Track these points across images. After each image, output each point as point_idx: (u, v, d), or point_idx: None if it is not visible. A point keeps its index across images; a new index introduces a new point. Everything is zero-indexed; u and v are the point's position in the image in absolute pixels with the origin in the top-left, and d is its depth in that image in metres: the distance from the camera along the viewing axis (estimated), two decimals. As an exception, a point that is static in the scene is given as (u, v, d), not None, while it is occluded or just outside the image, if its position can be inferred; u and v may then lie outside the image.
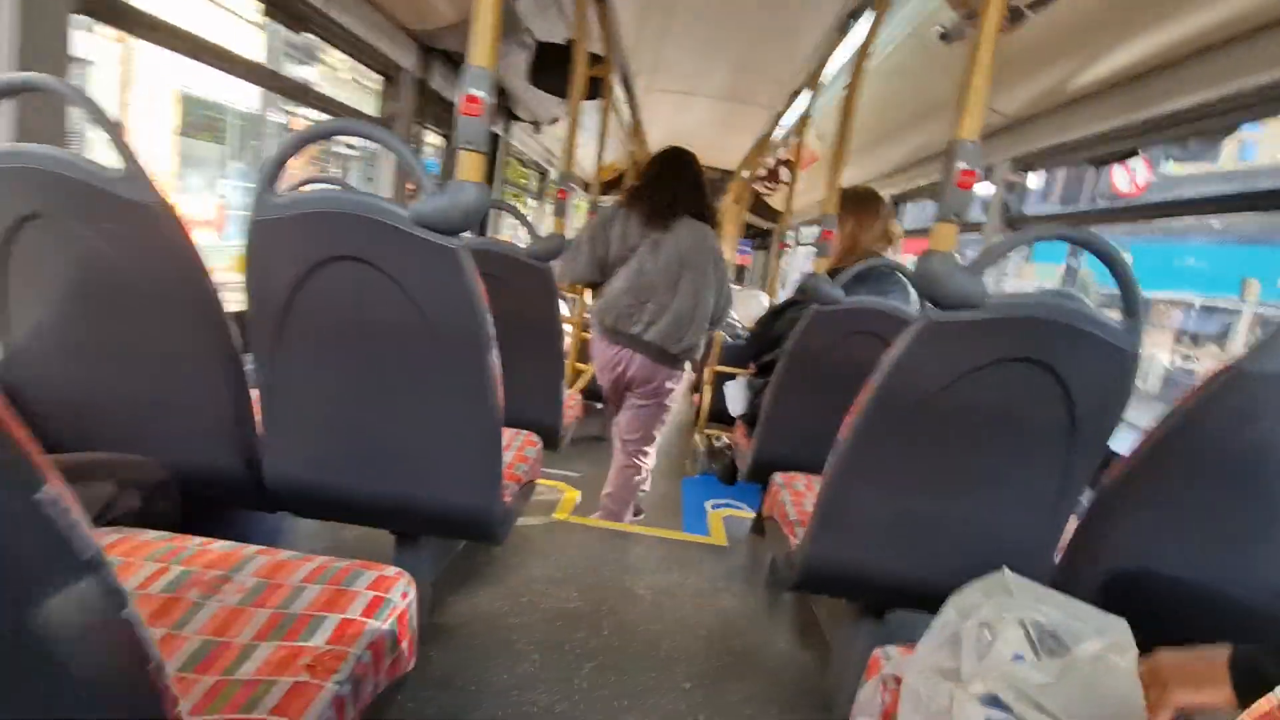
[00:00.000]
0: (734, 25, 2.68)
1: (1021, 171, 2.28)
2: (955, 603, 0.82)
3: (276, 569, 0.89)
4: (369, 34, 2.14)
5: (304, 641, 0.77)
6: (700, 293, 2.17)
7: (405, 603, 0.90)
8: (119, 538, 0.92)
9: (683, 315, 2.17)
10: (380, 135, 1.10)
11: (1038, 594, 0.79)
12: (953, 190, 1.00)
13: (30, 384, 1.20)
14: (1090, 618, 0.75)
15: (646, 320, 2.20)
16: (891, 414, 1.14)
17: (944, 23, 2.07)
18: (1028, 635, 0.76)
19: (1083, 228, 1.11)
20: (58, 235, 1.08)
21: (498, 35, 1.04)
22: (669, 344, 2.21)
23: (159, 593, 0.82)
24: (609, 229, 2.18)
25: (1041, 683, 0.71)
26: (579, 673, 1.51)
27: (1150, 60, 1.61)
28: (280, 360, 1.17)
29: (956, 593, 0.83)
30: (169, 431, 1.23)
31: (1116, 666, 0.70)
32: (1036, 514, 1.19)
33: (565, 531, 2.26)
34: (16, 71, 1.11)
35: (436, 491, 1.27)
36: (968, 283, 1.02)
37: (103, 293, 1.13)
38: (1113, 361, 1.06)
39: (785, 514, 1.58)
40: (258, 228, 1.08)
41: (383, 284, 1.09)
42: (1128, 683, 0.69)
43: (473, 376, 1.16)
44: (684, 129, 4.93)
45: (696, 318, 2.19)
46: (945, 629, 0.80)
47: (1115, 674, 0.70)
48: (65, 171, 1.03)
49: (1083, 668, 0.70)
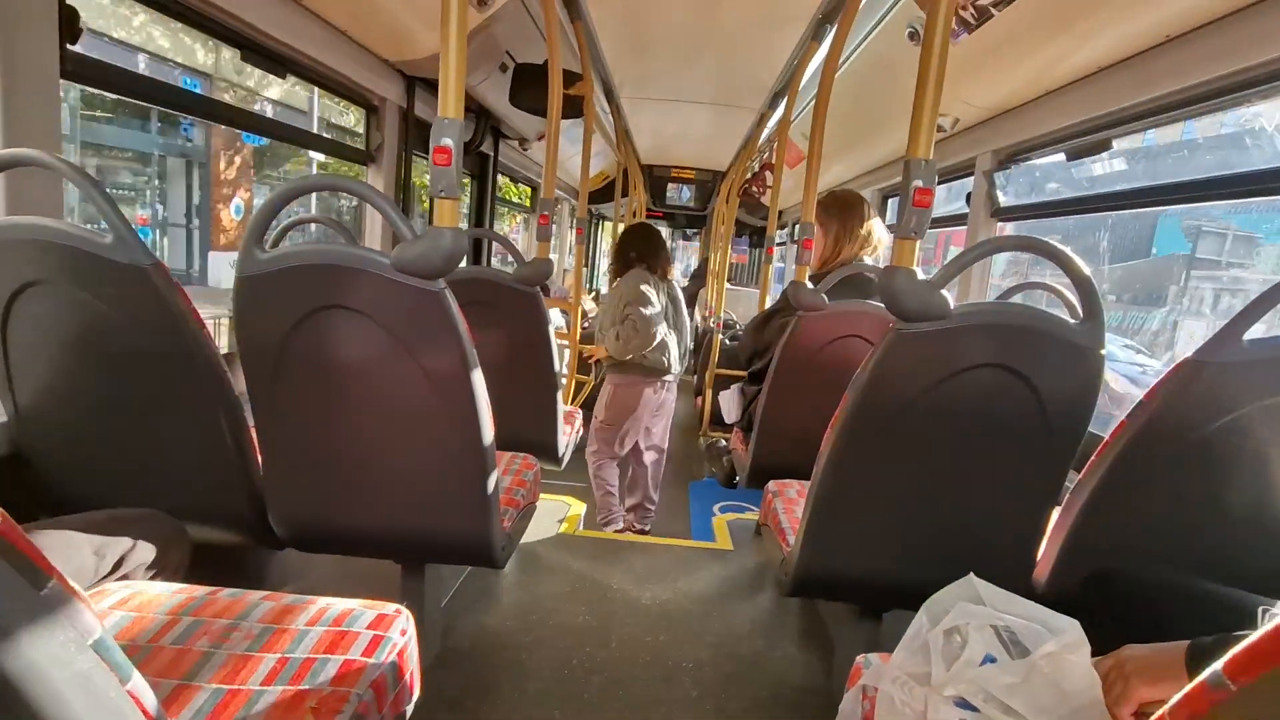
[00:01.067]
0: (711, 33, 2.71)
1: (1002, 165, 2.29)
2: (926, 609, 0.86)
3: (281, 614, 0.94)
4: (351, 70, 2.18)
5: (308, 685, 0.82)
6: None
7: (405, 639, 0.94)
8: (131, 592, 0.97)
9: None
10: (358, 189, 1.14)
11: (1002, 598, 0.83)
12: (909, 209, 1.03)
13: (39, 445, 1.25)
14: (1045, 619, 0.79)
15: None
16: (870, 423, 1.18)
17: (914, 22, 2.09)
18: (998, 638, 0.79)
19: (1041, 238, 1.13)
20: (56, 301, 1.13)
21: (463, 85, 1.08)
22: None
23: (170, 644, 0.86)
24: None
25: (1008, 684, 0.74)
26: (588, 688, 1.54)
27: (1122, 52, 1.63)
28: (276, 405, 1.22)
29: (929, 600, 0.87)
30: (176, 482, 1.28)
31: (1072, 663, 0.74)
32: (1017, 512, 1.22)
33: (572, 546, 2.30)
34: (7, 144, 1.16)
35: (435, 522, 1.31)
36: (931, 296, 1.05)
37: (103, 353, 1.18)
38: (1078, 361, 1.09)
39: (778, 522, 1.61)
40: (245, 283, 1.12)
41: (370, 328, 1.13)
42: (1085, 678, 0.73)
43: (463, 409, 1.20)
44: (671, 134, 4.97)
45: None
46: (918, 636, 0.83)
47: (1072, 670, 0.73)
48: (59, 240, 1.08)
49: (1043, 666, 0.74)
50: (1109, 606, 1.09)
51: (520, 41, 2.67)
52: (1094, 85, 1.77)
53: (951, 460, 1.20)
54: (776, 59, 2.88)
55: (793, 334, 1.89)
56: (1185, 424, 1.05)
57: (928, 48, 1.03)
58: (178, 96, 1.71)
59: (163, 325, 1.14)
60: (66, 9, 1.24)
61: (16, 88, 1.16)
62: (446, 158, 1.04)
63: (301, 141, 2.27)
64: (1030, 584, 1.28)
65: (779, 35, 2.60)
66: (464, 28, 1.07)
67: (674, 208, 6.97)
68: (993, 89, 2.09)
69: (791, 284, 1.88)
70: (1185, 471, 1.08)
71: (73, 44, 1.27)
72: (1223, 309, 4.31)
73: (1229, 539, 1.10)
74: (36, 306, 1.13)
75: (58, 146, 1.26)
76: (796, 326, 1.89)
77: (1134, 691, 0.73)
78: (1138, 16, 1.48)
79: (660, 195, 6.76)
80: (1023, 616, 0.78)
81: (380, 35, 2.18)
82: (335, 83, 2.21)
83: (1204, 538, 1.11)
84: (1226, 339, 1.00)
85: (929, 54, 1.03)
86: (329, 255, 1.10)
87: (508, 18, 2.33)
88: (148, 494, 1.25)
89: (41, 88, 1.21)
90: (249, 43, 1.77)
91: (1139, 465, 1.10)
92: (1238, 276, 4.30)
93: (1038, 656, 0.74)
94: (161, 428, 1.24)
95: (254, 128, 2.09)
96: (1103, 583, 1.11)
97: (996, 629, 0.79)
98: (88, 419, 1.24)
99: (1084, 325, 1.09)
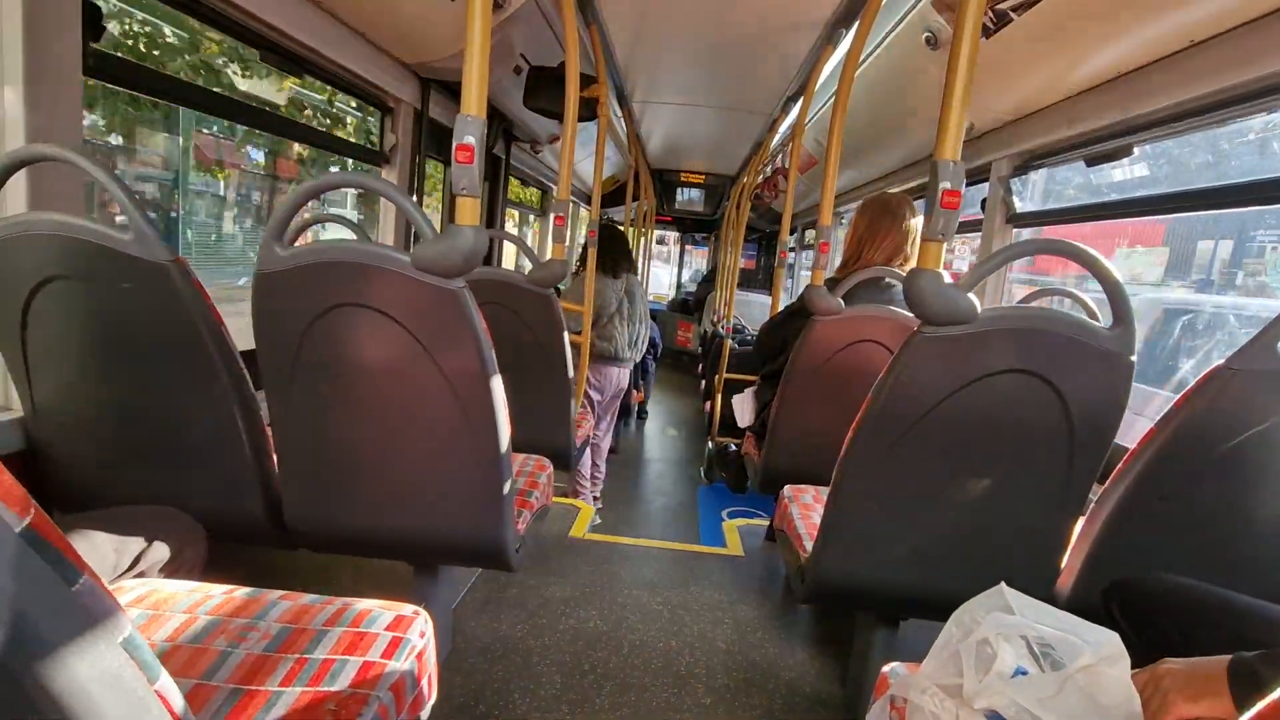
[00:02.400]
0: (725, 38, 2.71)
1: (1019, 171, 2.28)
2: (956, 619, 0.84)
3: (299, 614, 0.93)
4: (367, 70, 2.19)
5: (327, 686, 0.81)
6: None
7: (424, 641, 0.93)
8: (148, 590, 0.96)
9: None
10: (380, 187, 1.13)
11: (1034, 609, 0.81)
12: (938, 211, 1.02)
13: (57, 441, 1.25)
14: (1083, 631, 0.77)
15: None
16: (892, 428, 1.16)
17: (931, 27, 2.08)
18: (1030, 649, 0.78)
19: (1069, 241, 1.12)
20: (75, 297, 1.13)
21: (485, 84, 1.07)
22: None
23: (188, 643, 0.85)
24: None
25: (1041, 696, 0.72)
26: (600, 693, 1.53)
27: (1143, 56, 1.61)
28: (293, 403, 1.21)
29: (958, 609, 0.85)
30: (193, 478, 1.28)
31: (1110, 677, 0.72)
32: (1041, 521, 1.20)
33: (583, 549, 2.28)
34: (30, 139, 1.16)
35: (449, 524, 1.30)
36: (957, 299, 1.03)
37: (121, 349, 1.18)
38: (1107, 369, 1.07)
39: (794, 528, 1.60)
40: (264, 279, 1.12)
41: (388, 327, 1.12)
42: (1123, 692, 0.71)
43: (479, 411, 1.19)
44: (682, 138, 4.96)
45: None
46: (947, 646, 0.82)
47: (1110, 684, 0.71)
48: (79, 236, 1.08)
49: (1079, 679, 0.72)
50: (1134, 618, 1.07)
51: (535, 44, 2.68)
52: (1115, 90, 1.75)
53: (974, 467, 1.18)
54: (790, 64, 2.87)
55: (808, 338, 1.88)
56: (1215, 433, 1.03)
57: (955, 50, 1.02)
58: (199, 95, 1.71)
59: (182, 322, 1.14)
60: (90, 7, 1.24)
61: (40, 84, 1.17)
62: (469, 155, 1.04)
63: (318, 142, 2.28)
64: (1053, 594, 1.26)
65: (793, 40, 2.59)
66: (488, 26, 1.07)
67: (683, 212, 6.97)
68: (1010, 94, 2.08)
69: (808, 288, 1.87)
70: (1214, 481, 1.06)
71: (96, 41, 1.28)
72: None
73: (1259, 550, 1.08)
74: (56, 302, 1.13)
75: (80, 143, 1.26)
76: (812, 330, 1.88)
77: (1173, 708, 0.71)
78: (1161, 21, 1.47)
79: (670, 199, 6.76)
80: (1057, 628, 0.77)
81: (397, 37, 2.19)
82: (351, 83, 2.22)
83: (1233, 549, 1.09)
84: (1258, 347, 0.98)
85: (957, 56, 1.02)
86: (349, 252, 1.10)
87: (522, 20, 2.34)
88: (164, 491, 1.25)
89: (64, 85, 1.21)
90: (267, 42, 1.78)
91: (1167, 475, 1.08)
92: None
93: (1074, 669, 0.72)
94: (179, 425, 1.23)
95: (274, 128, 2.09)
96: (1128, 594, 1.08)
97: (1028, 640, 0.77)
98: (105, 415, 1.24)
99: (1114, 331, 1.07)
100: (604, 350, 3.29)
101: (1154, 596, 1.06)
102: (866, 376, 1.19)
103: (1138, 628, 1.07)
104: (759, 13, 2.39)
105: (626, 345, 3.36)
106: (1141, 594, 1.08)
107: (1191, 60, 1.51)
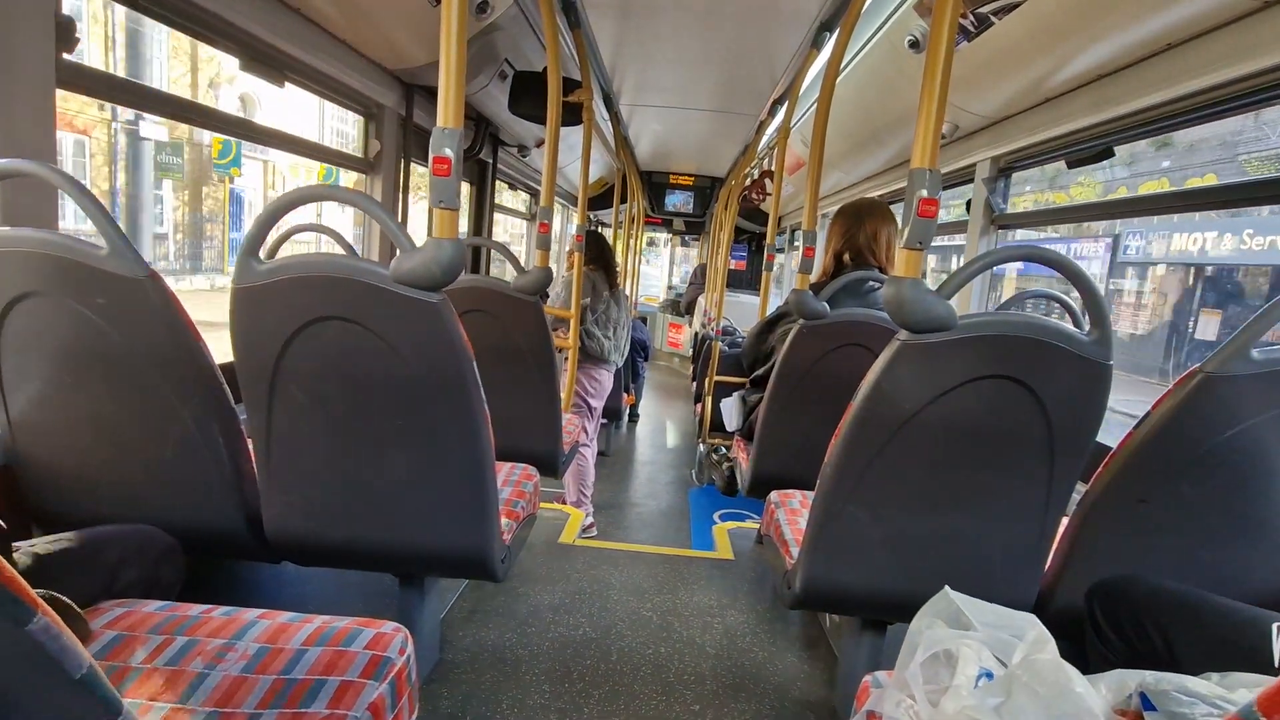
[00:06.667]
0: (710, 41, 2.71)
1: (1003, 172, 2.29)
2: (913, 629, 0.85)
3: (277, 633, 0.92)
4: (350, 77, 2.17)
5: (305, 708, 0.80)
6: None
7: (403, 659, 0.92)
8: (124, 610, 0.95)
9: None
10: (355, 200, 1.13)
11: (976, 610, 0.82)
12: (915, 220, 1.02)
13: (33, 458, 1.23)
14: (1010, 624, 0.79)
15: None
16: (875, 434, 1.16)
17: (914, 31, 2.09)
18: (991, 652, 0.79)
19: (1047, 247, 1.12)
20: (51, 312, 1.12)
21: (462, 94, 1.06)
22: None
23: (164, 666, 0.84)
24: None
25: (995, 704, 0.73)
26: (588, 701, 1.53)
27: (1122, 59, 1.63)
28: (273, 416, 1.20)
29: (914, 619, 0.86)
30: (174, 493, 1.27)
31: (1043, 664, 0.73)
32: (1023, 525, 1.20)
33: (571, 555, 2.28)
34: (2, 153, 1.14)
35: (433, 535, 1.29)
36: (936, 306, 1.04)
37: (98, 365, 1.16)
38: (1085, 374, 1.08)
39: (781, 533, 1.60)
40: (242, 294, 1.11)
41: (368, 340, 1.12)
42: (1055, 673, 0.72)
43: (461, 422, 1.18)
44: (670, 140, 4.97)
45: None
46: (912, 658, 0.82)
47: (1045, 670, 0.73)
48: (54, 251, 1.06)
49: (1021, 676, 0.73)
50: (1116, 621, 1.07)
51: (519, 49, 2.67)
52: (1094, 93, 1.76)
53: (957, 472, 1.18)
54: (776, 66, 2.88)
55: (794, 342, 1.88)
56: (1193, 436, 1.04)
57: (932, 58, 1.02)
58: (172, 104, 1.70)
59: (159, 337, 1.13)
60: (62, 18, 1.23)
61: (12, 98, 1.15)
62: (446, 168, 1.03)
63: (300, 149, 2.26)
64: (1037, 596, 1.27)
65: (778, 43, 2.60)
66: (464, 36, 1.06)
67: (672, 214, 6.98)
68: (992, 96, 2.09)
69: (794, 292, 1.87)
70: (1194, 483, 1.07)
71: (69, 53, 1.26)
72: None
73: (1238, 552, 1.09)
74: (31, 318, 1.12)
75: (53, 157, 1.25)
76: (798, 334, 1.88)
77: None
78: (1138, 25, 1.48)
79: (659, 201, 6.76)
80: (992, 626, 0.78)
81: (380, 43, 2.17)
82: (334, 90, 2.21)
83: (1213, 551, 1.10)
84: (1234, 351, 0.99)
85: (934, 65, 1.02)
86: (326, 266, 1.09)
87: (506, 25, 2.33)
88: (145, 506, 1.23)
89: (37, 97, 1.20)
90: (250, 49, 1.77)
91: (1146, 477, 1.09)
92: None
93: (1014, 668, 0.74)
94: (157, 441, 1.22)
95: (252, 135, 2.07)
96: (1109, 597, 1.09)
97: (986, 643, 0.79)
98: (83, 432, 1.22)
99: (1092, 336, 1.08)
100: (593, 350, 3.32)
101: (1135, 599, 1.07)
102: (852, 381, 1.20)
103: (1119, 630, 1.08)
104: (743, 15, 2.39)
105: (613, 348, 3.40)
106: (1123, 597, 1.09)
107: (1169, 63, 1.52)
